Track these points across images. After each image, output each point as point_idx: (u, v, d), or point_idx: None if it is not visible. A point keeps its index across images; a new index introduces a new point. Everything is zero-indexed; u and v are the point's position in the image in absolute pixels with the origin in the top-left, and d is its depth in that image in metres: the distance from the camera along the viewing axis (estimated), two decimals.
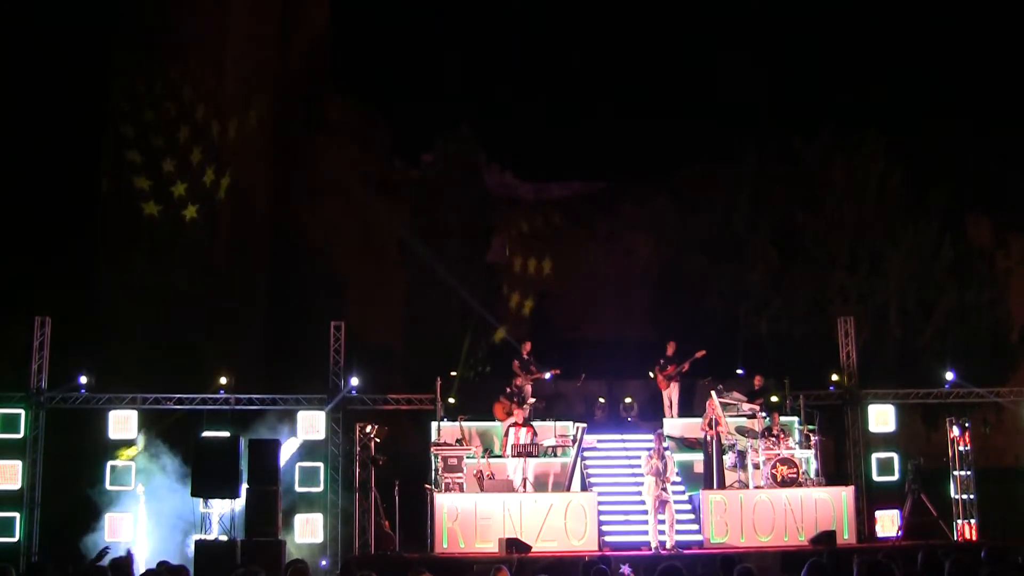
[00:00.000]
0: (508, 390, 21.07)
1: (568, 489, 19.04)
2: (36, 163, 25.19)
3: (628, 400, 22.62)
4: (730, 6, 29.95)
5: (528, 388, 21.44)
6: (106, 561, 12.77)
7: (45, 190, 25.05)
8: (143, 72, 26.74)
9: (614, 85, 30.04)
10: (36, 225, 24.64)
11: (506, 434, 19.80)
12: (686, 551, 17.51)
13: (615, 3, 30.34)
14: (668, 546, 17.50)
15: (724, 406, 19.89)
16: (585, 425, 19.71)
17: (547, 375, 22.05)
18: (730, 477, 19.58)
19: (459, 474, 18.85)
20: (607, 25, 30.50)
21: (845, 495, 19.06)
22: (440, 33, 29.00)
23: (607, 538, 18.34)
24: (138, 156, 26.60)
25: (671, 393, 21.86)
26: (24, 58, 25.25)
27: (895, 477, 21.90)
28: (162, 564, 10.90)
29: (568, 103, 30.08)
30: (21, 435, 21.22)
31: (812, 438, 20.40)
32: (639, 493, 18.97)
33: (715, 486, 19.17)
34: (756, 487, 19.14)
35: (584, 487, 19.31)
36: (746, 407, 20.57)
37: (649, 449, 18.20)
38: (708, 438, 19.72)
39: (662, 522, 17.70)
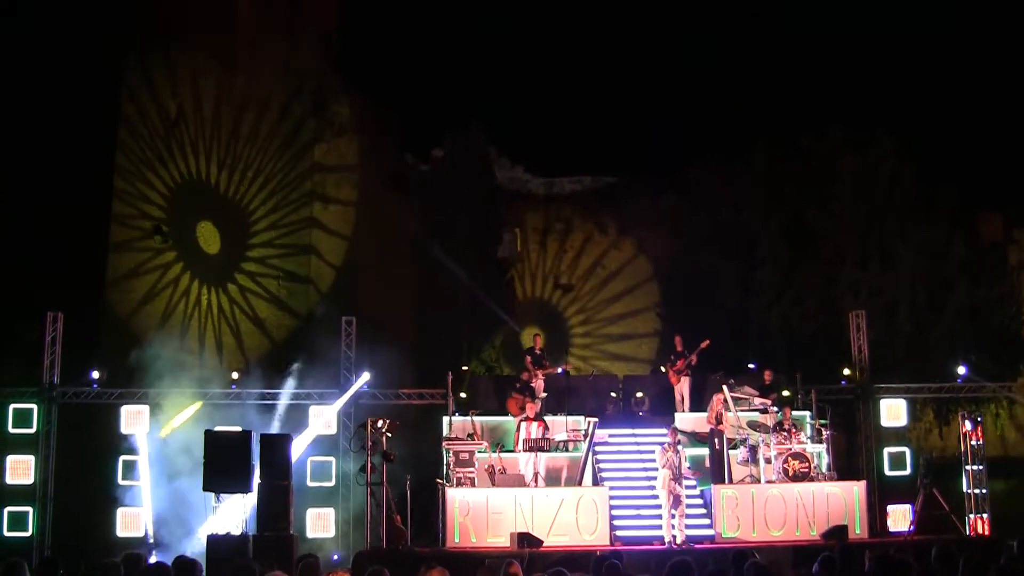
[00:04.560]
0: (518, 385, 21.07)
1: (580, 483, 19.04)
2: (47, 160, 25.27)
3: (639, 395, 22.59)
4: (740, 2, 29.93)
5: (540, 383, 21.44)
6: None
7: (56, 187, 25.14)
8: (153, 69, 26.81)
9: (624, 80, 30.02)
10: (48, 222, 24.71)
11: (518, 429, 19.80)
12: (698, 545, 17.50)
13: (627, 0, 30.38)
14: (679, 540, 17.49)
15: (736, 401, 19.88)
16: (597, 420, 19.70)
17: (560, 370, 22.05)
18: (742, 471, 19.56)
19: (470, 469, 18.84)
20: (617, 20, 30.49)
21: (857, 490, 18.99)
22: (450, 29, 29.01)
23: (619, 532, 18.32)
24: (149, 152, 26.66)
25: (682, 388, 21.85)
26: (35, 57, 25.31)
27: (907, 472, 21.90)
28: (177, 559, 10.90)
29: (578, 98, 30.08)
30: (34, 430, 21.33)
31: (824, 433, 20.36)
32: (651, 488, 18.96)
33: (723, 480, 19.17)
34: (768, 481, 19.11)
35: (596, 481, 19.31)
36: (757, 401, 20.55)
37: (663, 443, 18.18)
38: (714, 432, 19.74)
39: (675, 516, 17.67)
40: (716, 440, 19.80)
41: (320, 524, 21.64)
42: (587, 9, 30.10)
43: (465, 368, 24.10)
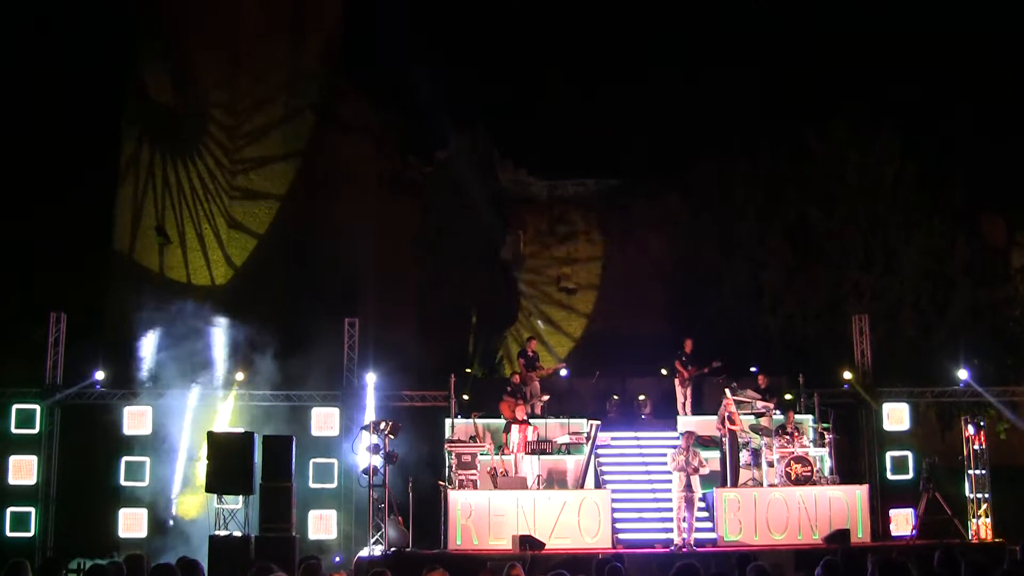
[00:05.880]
0: (510, 388, 21.04)
1: (582, 486, 19.02)
2: (52, 160, 25.32)
3: (642, 397, 22.56)
4: (743, 2, 29.94)
5: (537, 385, 21.42)
6: None
7: (60, 186, 25.19)
8: (157, 71, 26.86)
9: (626, 81, 30.00)
10: (52, 222, 24.75)
11: (507, 431, 19.76)
12: (700, 549, 17.47)
13: (628, 1, 30.35)
14: (689, 542, 17.46)
15: (738, 404, 19.84)
16: (599, 422, 19.66)
17: (563, 372, 22.02)
18: (744, 475, 19.53)
19: (473, 471, 18.85)
20: (619, 20, 30.48)
21: (859, 493, 18.99)
22: (452, 30, 29.02)
23: (620, 535, 18.30)
24: (153, 152, 26.72)
25: (686, 391, 21.82)
26: (41, 60, 25.37)
27: (909, 476, 21.86)
28: (180, 559, 10.93)
29: (581, 100, 30.06)
30: (37, 430, 21.33)
31: (826, 436, 20.33)
32: (653, 491, 18.95)
33: (729, 484, 19.13)
34: (770, 485, 19.10)
35: (598, 484, 19.29)
36: (760, 405, 20.51)
37: (676, 447, 18.13)
38: (723, 436, 19.69)
39: (684, 519, 17.63)
40: (724, 444, 19.69)
41: (322, 526, 21.65)
42: (589, 9, 30.10)
43: (468, 370, 24.08)
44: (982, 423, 21.14)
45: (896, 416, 22.46)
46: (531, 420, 19.94)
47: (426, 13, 28.71)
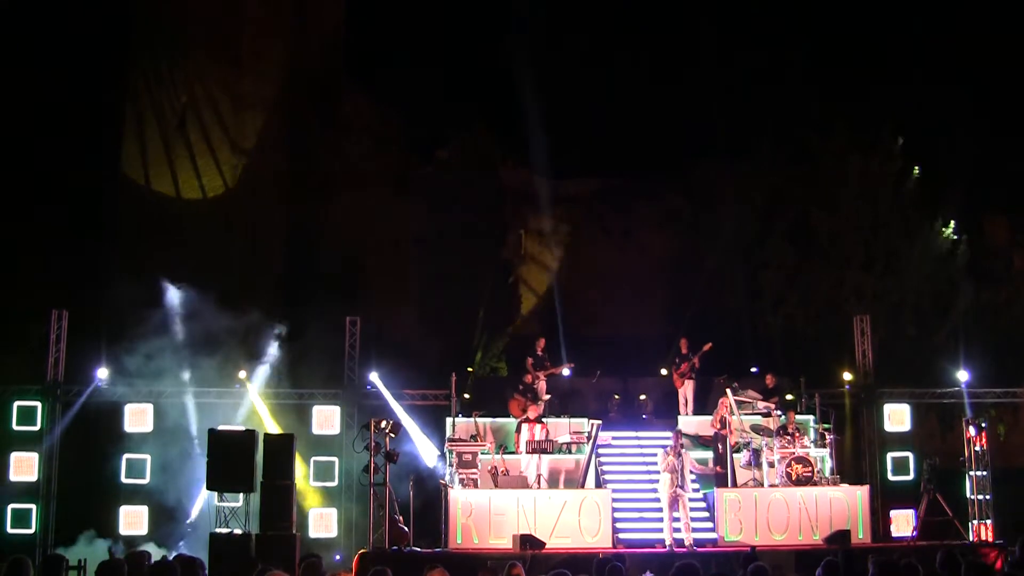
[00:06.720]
0: (521, 387, 21.05)
1: (582, 486, 19.02)
2: (50, 160, 25.33)
3: (643, 397, 22.57)
4: (746, 4, 29.94)
5: (542, 385, 21.42)
6: None
7: (62, 185, 25.19)
8: (160, 68, 26.88)
9: (628, 81, 30.02)
10: (54, 220, 24.75)
11: (518, 430, 19.78)
12: (700, 549, 17.47)
13: (629, 1, 30.38)
14: (686, 544, 17.46)
15: (739, 404, 19.83)
16: (600, 422, 19.67)
17: (565, 371, 22.04)
18: (745, 475, 19.52)
19: (473, 470, 18.83)
20: (621, 20, 30.50)
21: (860, 494, 18.97)
22: (454, 29, 29.05)
23: (621, 535, 18.29)
24: (155, 151, 26.74)
25: (686, 391, 21.82)
26: (42, 56, 25.35)
27: (910, 476, 21.85)
28: (178, 556, 10.96)
29: (584, 99, 30.07)
30: (38, 427, 21.32)
31: (827, 437, 20.32)
32: (654, 490, 18.94)
33: (729, 484, 19.14)
34: (771, 485, 19.08)
35: (598, 484, 19.29)
36: (761, 405, 20.51)
37: (665, 446, 18.15)
38: (723, 434, 19.72)
39: (677, 519, 17.65)
40: (720, 444, 19.79)
41: (323, 524, 21.65)
42: (591, 9, 30.11)
43: (469, 369, 24.07)
44: (983, 424, 21.11)
45: (897, 417, 22.44)
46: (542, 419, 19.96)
47: (428, 11, 28.74)
